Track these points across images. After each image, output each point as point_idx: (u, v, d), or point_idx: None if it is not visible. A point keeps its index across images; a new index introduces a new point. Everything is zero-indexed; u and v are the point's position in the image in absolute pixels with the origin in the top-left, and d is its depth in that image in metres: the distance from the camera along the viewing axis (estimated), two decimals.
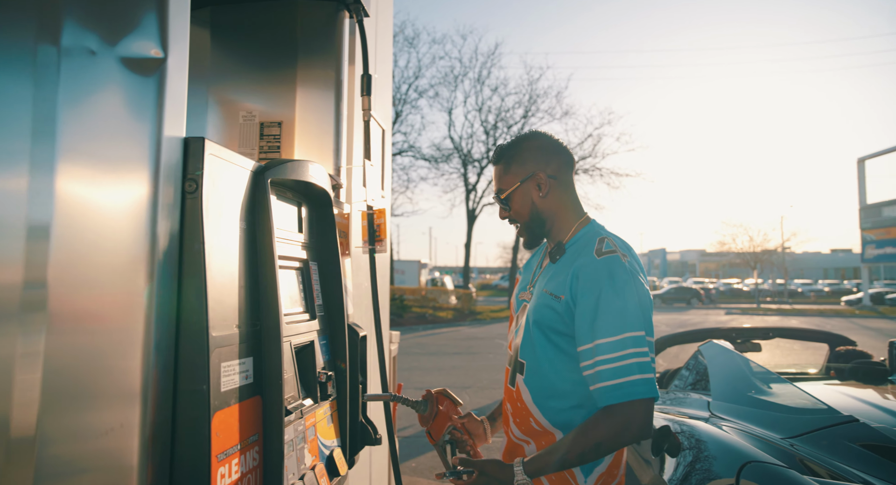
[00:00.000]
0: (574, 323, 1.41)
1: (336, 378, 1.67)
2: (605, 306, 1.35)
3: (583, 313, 1.38)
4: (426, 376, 9.56)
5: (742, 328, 3.77)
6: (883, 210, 27.07)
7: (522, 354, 1.53)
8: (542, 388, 1.48)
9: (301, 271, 1.59)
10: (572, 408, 1.44)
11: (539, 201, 1.55)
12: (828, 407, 2.03)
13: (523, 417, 1.52)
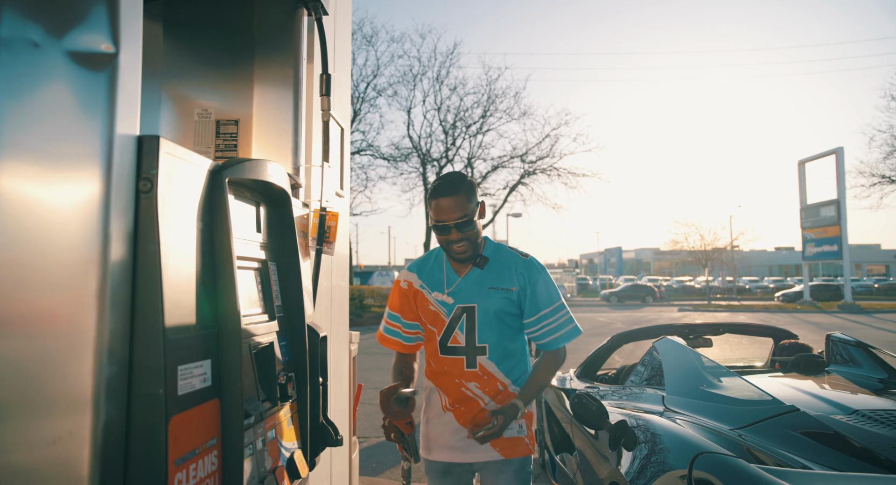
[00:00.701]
0: (522, 305, 1.99)
1: (296, 379, 1.66)
2: (542, 288, 1.99)
3: (531, 296, 1.98)
4: (387, 375, 9.48)
5: (694, 324, 3.90)
6: (821, 210, 28.38)
7: (481, 339, 1.96)
8: (503, 357, 1.98)
9: (260, 272, 1.56)
10: (517, 362, 2.00)
11: (479, 224, 1.98)
12: (772, 398, 2.12)
13: (491, 385, 1.97)
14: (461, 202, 1.87)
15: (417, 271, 2.06)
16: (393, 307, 2.11)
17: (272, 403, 1.48)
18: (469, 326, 1.95)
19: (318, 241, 2.04)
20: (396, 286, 2.10)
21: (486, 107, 27.04)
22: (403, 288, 2.07)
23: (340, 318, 2.87)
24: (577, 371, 4.07)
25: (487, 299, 1.95)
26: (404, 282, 2.07)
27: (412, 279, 2.06)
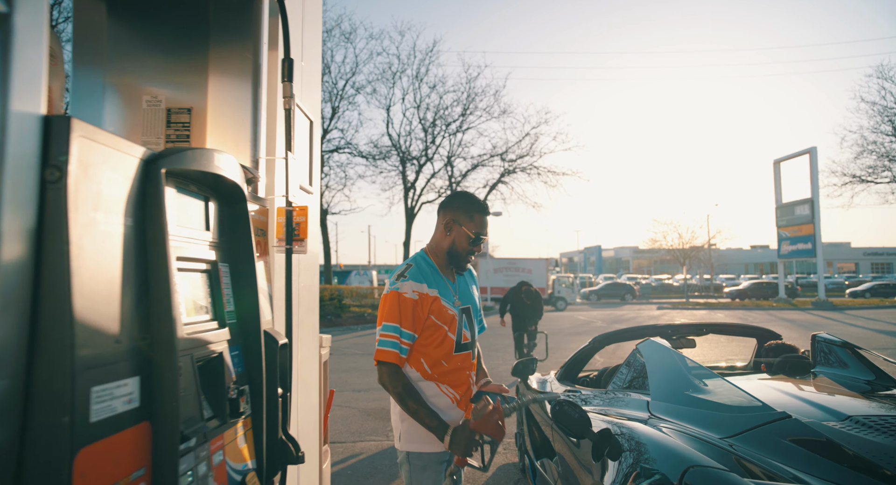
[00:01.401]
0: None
1: (251, 392, 1.50)
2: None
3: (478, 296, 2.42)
4: (364, 377, 9.35)
5: (677, 325, 3.82)
6: (795, 209, 28.81)
7: (473, 337, 2.27)
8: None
9: (209, 274, 1.41)
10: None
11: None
12: (762, 404, 2.02)
13: (475, 367, 2.33)
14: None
15: (426, 281, 2.11)
16: (392, 320, 2.06)
17: (220, 420, 1.32)
18: (469, 324, 2.24)
19: (288, 239, 1.88)
20: (398, 299, 2.06)
21: (466, 105, 26.95)
22: (412, 299, 2.06)
23: (309, 321, 2.72)
24: (559, 373, 3.96)
25: (474, 299, 2.33)
26: (412, 292, 2.07)
27: (421, 289, 2.09)
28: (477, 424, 1.93)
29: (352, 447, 5.43)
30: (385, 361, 2.05)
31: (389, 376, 2.06)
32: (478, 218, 2.14)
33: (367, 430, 6.02)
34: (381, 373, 2.07)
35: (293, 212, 1.87)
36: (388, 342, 2.05)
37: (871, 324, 18.00)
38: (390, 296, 2.08)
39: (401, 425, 2.13)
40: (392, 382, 2.05)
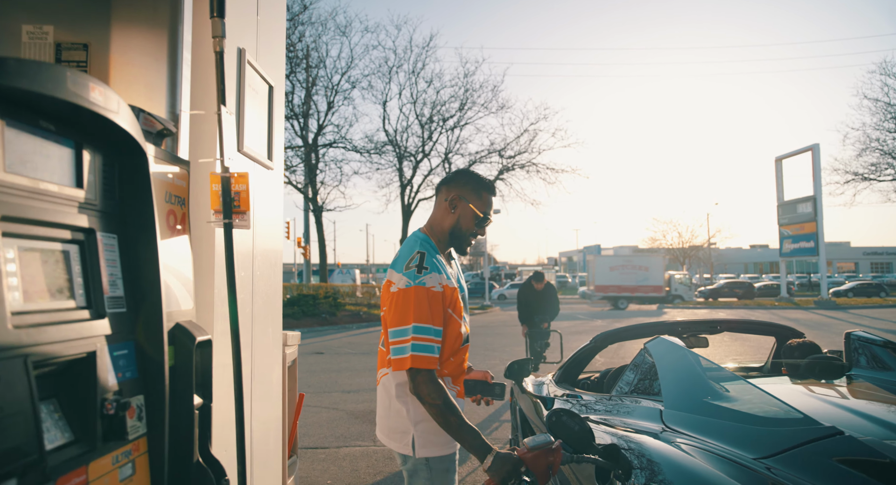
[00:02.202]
0: None
1: (149, 405, 1.14)
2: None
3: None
4: (355, 377, 8.99)
5: (688, 322, 3.45)
6: (798, 207, 28.45)
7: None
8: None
9: (79, 246, 1.04)
10: None
11: None
12: (803, 416, 1.65)
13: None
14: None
15: (444, 270, 1.89)
16: (423, 319, 1.78)
17: (86, 447, 0.96)
18: (466, 313, 2.01)
19: (226, 211, 1.51)
20: (426, 295, 1.79)
21: (464, 100, 26.56)
22: (439, 292, 1.82)
23: (268, 315, 2.35)
24: (556, 375, 3.59)
25: (463, 283, 2.07)
26: (439, 286, 1.82)
27: (442, 280, 1.85)
28: (528, 457, 1.65)
29: (335, 453, 5.06)
30: (422, 369, 1.74)
31: (429, 386, 1.75)
32: (486, 196, 1.96)
33: (354, 434, 5.66)
34: (417, 382, 1.75)
35: (231, 179, 1.50)
36: (425, 346, 1.75)
37: (877, 323, 17.65)
38: (416, 292, 1.78)
39: (413, 428, 1.86)
40: (432, 392, 1.74)
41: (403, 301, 1.77)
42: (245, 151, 2.04)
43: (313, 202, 25.41)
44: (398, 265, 1.85)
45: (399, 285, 1.80)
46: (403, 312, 1.77)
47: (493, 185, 1.99)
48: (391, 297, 1.82)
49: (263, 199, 2.32)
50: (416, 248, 1.87)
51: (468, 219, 1.94)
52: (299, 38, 23.20)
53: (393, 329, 1.79)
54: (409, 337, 1.74)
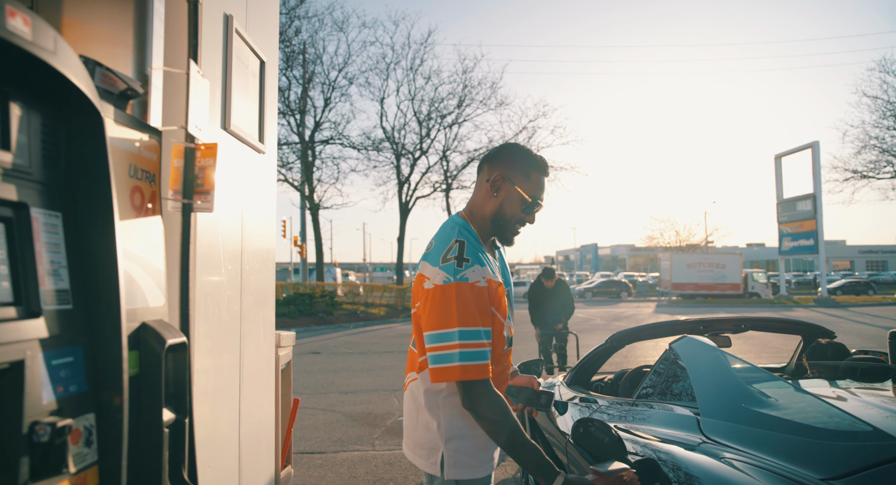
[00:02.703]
0: None
1: (101, 426, 0.91)
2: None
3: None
4: (353, 377, 8.76)
5: (710, 319, 3.24)
6: (797, 204, 28.32)
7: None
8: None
9: (4, 224, 0.81)
10: None
11: None
12: (873, 428, 1.44)
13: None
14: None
15: (488, 262, 1.63)
16: (470, 322, 1.50)
17: None
18: (511, 311, 1.75)
19: (185, 191, 1.29)
20: (471, 292, 1.51)
21: (462, 97, 26.30)
22: (484, 286, 1.54)
23: (259, 315, 2.13)
24: (568, 377, 3.37)
25: (510, 280, 1.82)
26: (484, 280, 1.54)
27: (486, 273, 1.57)
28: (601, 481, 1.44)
29: (332, 459, 4.83)
30: (477, 380, 1.48)
31: (488, 399, 1.48)
32: (535, 176, 1.66)
33: (352, 437, 5.44)
34: (472, 396, 1.49)
35: (196, 151, 1.27)
36: (476, 353, 1.48)
37: (879, 321, 17.50)
38: (458, 289, 1.50)
39: (443, 445, 1.60)
40: (493, 407, 1.48)
41: (443, 300, 1.49)
42: (232, 129, 1.82)
43: (310, 200, 25.15)
44: (433, 257, 1.57)
45: (435, 281, 1.52)
46: (445, 313, 1.49)
47: (545, 162, 1.69)
48: (426, 294, 1.55)
49: (254, 186, 2.10)
50: (453, 236, 1.60)
51: (514, 204, 1.65)
52: (296, 32, 22.92)
53: (432, 333, 1.51)
54: (456, 343, 1.47)
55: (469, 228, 1.65)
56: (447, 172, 27.28)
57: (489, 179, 1.67)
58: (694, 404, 1.94)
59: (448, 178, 27.28)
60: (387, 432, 5.62)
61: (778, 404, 1.73)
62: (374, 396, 7.31)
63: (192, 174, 1.29)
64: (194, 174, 1.30)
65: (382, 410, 6.51)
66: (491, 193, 1.67)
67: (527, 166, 1.65)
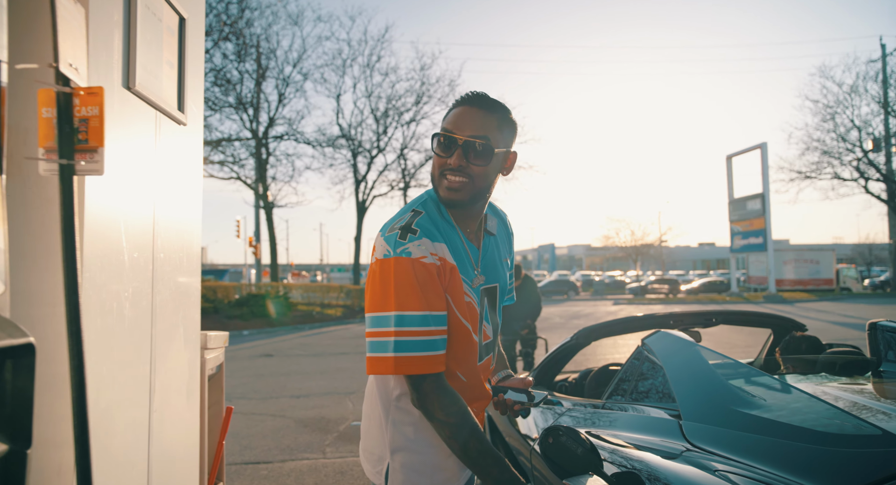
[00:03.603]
0: None
1: None
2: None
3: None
4: (306, 381, 8.39)
5: (681, 313, 3.09)
6: (747, 203, 29.19)
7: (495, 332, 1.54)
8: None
9: None
10: None
11: (496, 177, 1.42)
12: (882, 432, 1.26)
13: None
14: (488, 122, 1.35)
15: (445, 239, 1.34)
16: (413, 305, 1.25)
17: None
18: (491, 312, 1.50)
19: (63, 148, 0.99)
20: (412, 268, 1.26)
21: (420, 94, 26.05)
22: (434, 265, 1.29)
23: (177, 312, 1.82)
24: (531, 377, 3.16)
25: (504, 276, 1.56)
26: (433, 257, 1.29)
27: (442, 251, 1.32)
28: None
29: (279, 469, 4.50)
30: (422, 374, 1.25)
31: (439, 396, 1.25)
32: (450, 113, 1.37)
33: (302, 445, 5.11)
34: (419, 392, 1.26)
35: (73, 98, 0.98)
36: (418, 343, 1.24)
37: (824, 316, 18.10)
38: (397, 265, 1.26)
39: (389, 457, 1.37)
40: (444, 406, 1.24)
41: (381, 278, 1.27)
42: (138, 89, 1.51)
43: (264, 199, 24.45)
44: (384, 227, 1.35)
45: (377, 255, 1.30)
46: (382, 293, 1.26)
47: (467, 96, 1.37)
48: (369, 271, 1.33)
49: (173, 162, 1.80)
50: (412, 206, 1.37)
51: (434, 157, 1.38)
52: (247, 24, 22.19)
53: (369, 315, 1.29)
54: (391, 331, 1.24)
55: (438, 202, 1.40)
56: (405, 170, 26.99)
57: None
58: (673, 405, 1.74)
59: (406, 176, 27.00)
60: (339, 438, 5.32)
61: (770, 405, 1.54)
62: (328, 399, 6.99)
63: (71, 127, 1.00)
64: (74, 127, 1.00)
65: (336, 414, 6.20)
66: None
67: (450, 108, 1.40)
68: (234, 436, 5.32)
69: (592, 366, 3.46)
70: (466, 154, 1.31)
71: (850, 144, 30.69)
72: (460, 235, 1.40)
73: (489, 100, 1.37)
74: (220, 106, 23.34)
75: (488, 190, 1.39)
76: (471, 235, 1.44)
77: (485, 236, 1.49)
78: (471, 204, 1.37)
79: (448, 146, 1.33)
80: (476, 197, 1.36)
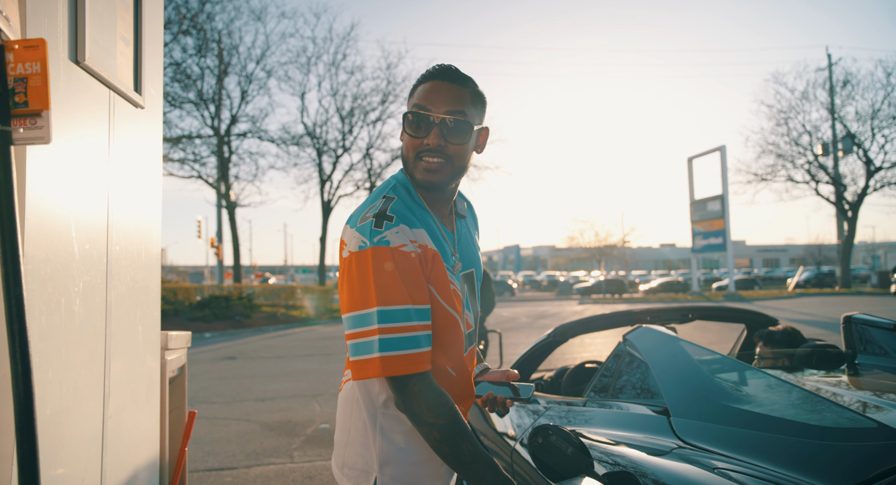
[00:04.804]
0: None
1: None
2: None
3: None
4: (272, 383, 8.17)
5: (658, 309, 3.06)
6: (707, 205, 29.91)
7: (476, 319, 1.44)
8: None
9: None
10: None
11: (472, 155, 1.33)
12: (877, 424, 1.22)
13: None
14: (462, 97, 1.26)
15: (423, 225, 1.25)
16: (396, 298, 1.15)
17: None
18: (472, 303, 1.41)
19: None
20: (392, 257, 1.16)
21: (386, 93, 25.85)
22: (416, 252, 1.20)
23: (135, 309, 1.68)
24: None
25: (479, 260, 1.48)
26: (413, 245, 1.20)
27: (422, 237, 1.23)
28: None
29: (244, 475, 4.33)
30: (409, 375, 1.14)
31: (427, 397, 1.14)
32: (420, 88, 1.27)
33: (267, 449, 4.94)
34: (404, 394, 1.15)
35: (6, 53, 0.86)
36: (404, 340, 1.14)
37: (781, 314, 18.66)
38: (375, 255, 1.15)
39: (377, 470, 1.25)
40: (432, 406, 1.14)
41: (359, 272, 1.16)
42: (88, 64, 1.38)
43: (226, 198, 23.87)
44: (353, 218, 1.24)
45: (351, 248, 1.19)
46: (361, 289, 1.15)
47: (436, 70, 1.27)
48: (342, 266, 1.21)
49: (130, 147, 1.66)
50: (382, 192, 1.27)
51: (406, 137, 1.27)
52: (208, 18, 21.63)
53: (348, 315, 1.18)
54: (375, 329, 1.14)
55: (409, 186, 1.30)
56: (371, 170, 26.76)
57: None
58: (659, 401, 1.69)
59: (372, 176, 26.77)
60: (307, 441, 5.16)
61: (760, 399, 1.50)
62: (294, 402, 6.80)
63: (4, 87, 0.87)
64: (8, 87, 0.88)
65: (302, 417, 6.03)
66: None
67: (415, 86, 1.29)
68: (196, 442, 5.11)
69: (561, 365, 3.42)
70: (443, 133, 1.23)
71: (802, 147, 31.83)
72: (435, 219, 1.32)
73: (460, 73, 1.29)
74: (179, 102, 22.71)
75: (465, 169, 1.31)
76: (444, 219, 1.36)
77: (457, 220, 1.42)
78: (448, 185, 1.29)
79: (421, 124, 1.23)
80: (453, 177, 1.29)
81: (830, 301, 24.01)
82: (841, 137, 30.68)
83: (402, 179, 1.32)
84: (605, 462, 1.42)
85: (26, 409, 0.81)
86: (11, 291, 0.94)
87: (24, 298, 0.86)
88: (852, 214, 31.10)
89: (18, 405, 0.81)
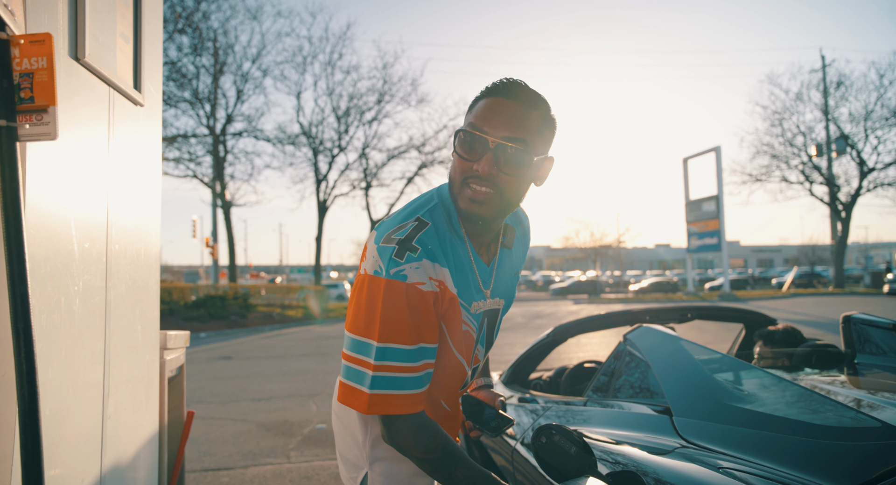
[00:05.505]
0: None
1: None
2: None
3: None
4: (268, 383, 8.14)
5: (657, 309, 3.06)
6: (703, 205, 30.02)
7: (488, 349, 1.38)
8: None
9: None
10: None
11: (528, 187, 1.19)
12: (881, 424, 1.22)
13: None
14: (527, 121, 1.11)
15: (449, 261, 1.15)
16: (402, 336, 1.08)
17: None
18: (488, 336, 1.34)
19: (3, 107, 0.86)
20: (405, 295, 1.08)
21: (382, 93, 25.83)
22: (433, 293, 1.11)
23: (135, 309, 1.67)
24: (504, 376, 3.09)
25: (513, 289, 1.39)
26: (432, 283, 1.10)
27: (443, 276, 1.13)
28: None
29: (241, 475, 4.31)
30: (398, 415, 1.11)
31: (415, 435, 1.10)
32: (481, 104, 1.12)
33: (265, 450, 4.92)
34: (391, 431, 1.12)
35: (12, 47, 0.85)
36: (398, 380, 1.09)
37: (776, 314, 18.71)
38: (388, 289, 1.07)
39: (367, 466, 1.25)
40: (422, 443, 1.10)
41: (368, 298, 1.09)
42: (88, 60, 1.37)
43: (221, 198, 23.80)
44: (382, 227, 1.15)
45: (366, 266, 1.11)
46: (366, 316, 1.09)
47: (502, 85, 1.11)
48: (357, 277, 1.15)
49: (130, 146, 1.65)
50: (418, 212, 1.16)
51: (455, 157, 1.14)
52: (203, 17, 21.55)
53: (350, 336, 1.13)
54: (370, 363, 1.08)
55: (452, 210, 1.19)
56: (367, 169, 26.74)
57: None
58: (661, 401, 1.69)
59: (367, 175, 26.75)
60: (304, 441, 5.15)
61: (763, 399, 1.50)
62: (291, 402, 6.78)
63: (10, 82, 0.86)
64: (14, 82, 0.86)
65: (299, 417, 6.01)
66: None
67: (476, 99, 1.15)
68: (192, 442, 5.09)
69: (558, 364, 3.42)
70: (497, 160, 1.09)
71: (796, 148, 32.00)
72: (471, 252, 1.21)
73: (530, 91, 1.12)
74: (175, 101, 22.64)
75: (516, 204, 1.17)
76: (482, 249, 1.25)
77: (501, 250, 1.31)
78: (493, 220, 1.17)
79: (475, 147, 1.10)
80: (501, 211, 1.15)
81: (824, 301, 24.11)
82: (835, 138, 30.86)
83: (446, 200, 1.20)
84: (608, 462, 1.41)
85: (30, 409, 0.80)
86: (17, 289, 0.93)
87: (28, 296, 0.85)
88: (846, 214, 31.26)
89: (23, 405, 0.80)
